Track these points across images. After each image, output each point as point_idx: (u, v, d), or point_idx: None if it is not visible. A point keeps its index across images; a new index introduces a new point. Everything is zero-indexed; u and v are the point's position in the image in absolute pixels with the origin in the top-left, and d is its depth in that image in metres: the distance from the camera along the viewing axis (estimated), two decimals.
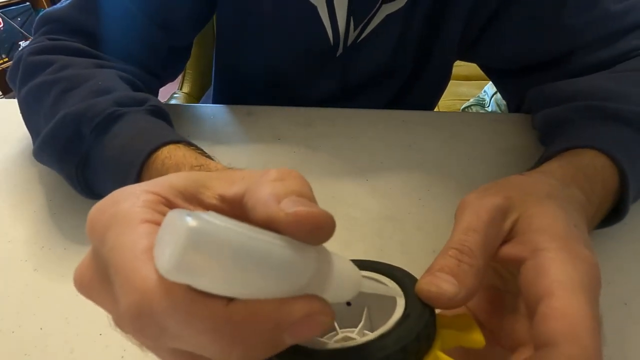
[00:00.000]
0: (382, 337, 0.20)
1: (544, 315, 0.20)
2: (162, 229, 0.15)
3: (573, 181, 0.30)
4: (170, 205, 0.18)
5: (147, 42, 0.49)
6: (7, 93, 2.35)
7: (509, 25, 0.51)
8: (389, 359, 0.19)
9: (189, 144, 0.35)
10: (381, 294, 0.22)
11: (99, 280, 0.18)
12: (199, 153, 0.34)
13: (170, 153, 0.33)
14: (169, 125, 0.39)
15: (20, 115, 0.43)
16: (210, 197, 0.20)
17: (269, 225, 0.16)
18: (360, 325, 0.23)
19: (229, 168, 0.31)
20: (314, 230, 0.16)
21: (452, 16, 0.53)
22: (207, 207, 0.19)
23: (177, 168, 0.32)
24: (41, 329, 0.31)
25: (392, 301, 0.22)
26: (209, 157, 0.34)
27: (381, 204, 0.41)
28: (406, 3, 0.51)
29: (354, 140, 0.50)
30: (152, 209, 0.17)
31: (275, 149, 0.48)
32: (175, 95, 0.95)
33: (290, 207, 0.16)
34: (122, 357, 0.29)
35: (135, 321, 0.15)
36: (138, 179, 0.33)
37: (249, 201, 0.18)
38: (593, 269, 0.22)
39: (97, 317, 0.31)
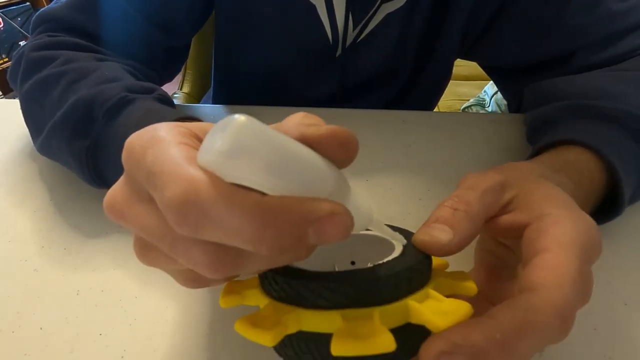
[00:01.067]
0: (376, 266, 0.21)
1: (534, 265, 0.22)
2: (211, 132, 0.17)
3: (562, 171, 0.31)
4: (200, 140, 0.20)
5: (144, 41, 0.49)
6: (7, 93, 2.35)
7: (510, 24, 0.51)
8: (380, 284, 0.20)
9: (200, 121, 0.36)
10: (385, 237, 0.24)
11: (133, 197, 0.19)
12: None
13: None
14: None
15: (20, 115, 0.43)
16: None
17: (301, 141, 0.18)
18: None
19: None
20: (343, 143, 0.19)
21: (453, 15, 0.53)
22: None
23: None
24: (41, 329, 0.31)
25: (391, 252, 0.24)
26: None
27: (381, 204, 0.41)
28: (406, 2, 0.51)
29: None
30: (186, 137, 0.19)
31: None
32: (175, 95, 0.95)
33: (321, 127, 0.19)
34: (122, 357, 0.29)
35: (181, 208, 0.16)
36: None
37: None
38: (593, 229, 0.24)
39: (97, 317, 0.31)
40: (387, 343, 0.18)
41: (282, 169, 0.17)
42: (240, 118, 0.16)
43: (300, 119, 0.20)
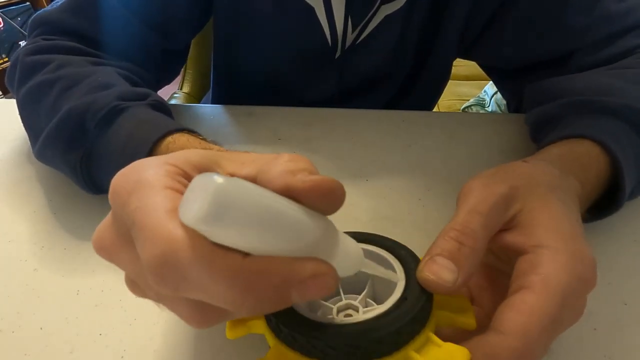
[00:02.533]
0: (378, 317, 0.21)
1: (512, 304, 0.22)
2: (190, 189, 0.17)
3: (570, 171, 0.31)
4: (187, 177, 0.20)
5: (141, 45, 0.49)
6: (7, 93, 2.35)
7: (509, 25, 0.51)
8: (382, 340, 0.20)
9: (192, 132, 0.36)
10: (380, 276, 0.24)
11: (120, 241, 0.19)
12: (201, 139, 0.35)
13: (175, 139, 0.34)
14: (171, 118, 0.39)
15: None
16: (227, 174, 0.21)
17: (285, 193, 0.18)
18: (363, 294, 0.24)
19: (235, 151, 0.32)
20: (328, 195, 0.18)
21: (452, 16, 0.53)
22: None
23: None
24: (41, 329, 0.31)
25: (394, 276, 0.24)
26: (212, 142, 0.35)
27: (381, 204, 0.41)
28: (405, 3, 0.51)
29: (354, 141, 0.50)
30: (172, 178, 0.19)
31: (275, 150, 0.48)
32: (175, 95, 0.95)
33: (306, 177, 0.18)
34: (122, 357, 0.29)
35: (159, 269, 0.16)
36: None
37: (263, 178, 0.19)
38: (588, 269, 0.24)
39: (97, 317, 0.31)
40: None
41: (263, 229, 0.16)
42: (217, 180, 0.15)
43: (286, 164, 0.19)
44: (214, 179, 0.15)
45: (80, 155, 0.36)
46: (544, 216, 0.25)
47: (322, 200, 0.18)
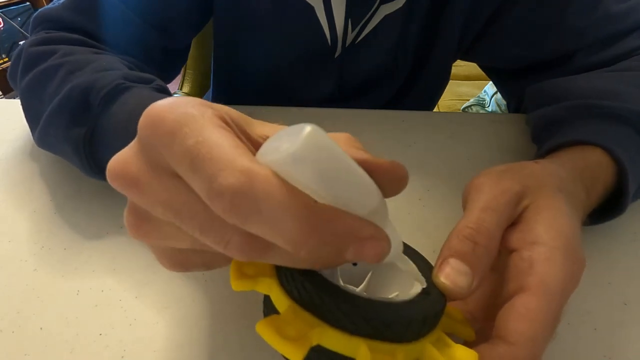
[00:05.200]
0: (406, 303, 0.21)
1: (515, 311, 0.22)
2: (277, 135, 0.18)
3: (580, 177, 0.31)
4: (229, 124, 0.19)
5: (142, 43, 0.49)
6: (7, 93, 2.35)
7: (509, 25, 0.51)
8: (411, 324, 0.20)
9: None
10: (406, 270, 0.24)
11: (150, 169, 0.19)
12: None
13: None
14: None
15: (21, 114, 0.43)
16: (257, 135, 0.21)
17: (360, 165, 0.19)
18: (360, 287, 0.24)
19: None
20: (400, 180, 0.20)
21: (451, 16, 0.53)
22: (254, 143, 0.21)
23: None
24: (41, 329, 0.31)
25: (392, 273, 0.24)
26: None
27: None
28: (405, 3, 0.51)
29: None
30: (222, 120, 0.19)
31: None
32: (175, 95, 0.95)
33: (383, 159, 0.20)
34: (122, 357, 0.29)
35: (234, 197, 0.16)
36: None
37: None
38: (580, 270, 0.24)
39: (97, 317, 0.31)
40: None
41: (338, 180, 0.18)
42: (313, 127, 0.17)
43: (349, 141, 0.21)
44: (309, 126, 0.17)
45: (84, 132, 0.36)
46: (546, 214, 0.25)
47: (392, 182, 0.20)
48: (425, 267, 0.24)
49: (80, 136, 0.36)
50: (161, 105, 0.18)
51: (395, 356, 0.19)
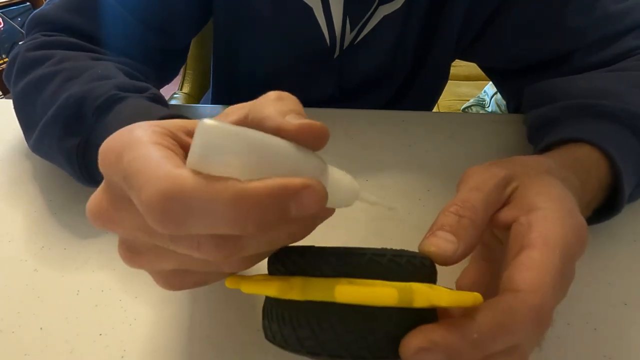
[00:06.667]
0: (384, 249, 0.21)
1: (519, 263, 0.22)
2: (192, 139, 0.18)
3: (572, 170, 0.31)
4: (175, 137, 0.21)
5: (139, 44, 0.49)
6: (7, 93, 2.35)
7: (507, 25, 0.51)
8: (384, 256, 0.20)
9: (184, 117, 0.36)
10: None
11: (116, 202, 0.20)
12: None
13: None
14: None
15: None
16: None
17: (276, 134, 0.20)
18: None
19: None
20: (314, 137, 0.20)
21: (450, 16, 0.53)
22: None
23: None
24: (41, 329, 0.31)
25: None
26: None
27: None
28: (403, 4, 0.51)
29: (354, 141, 0.50)
30: (161, 136, 0.20)
31: None
32: (175, 95, 0.95)
33: (294, 120, 0.20)
34: (122, 357, 0.29)
35: (162, 205, 0.16)
36: None
37: (254, 119, 0.21)
38: (581, 227, 0.24)
39: (97, 317, 0.31)
40: (390, 293, 0.18)
41: (249, 157, 0.18)
42: (204, 122, 0.17)
43: (274, 105, 0.21)
44: (201, 121, 0.17)
45: (77, 143, 0.36)
46: (535, 186, 0.26)
47: (309, 140, 0.20)
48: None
49: (73, 147, 0.36)
50: (110, 137, 0.20)
51: (374, 284, 0.19)
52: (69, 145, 0.36)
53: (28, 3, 2.42)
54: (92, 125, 0.36)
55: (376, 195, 0.25)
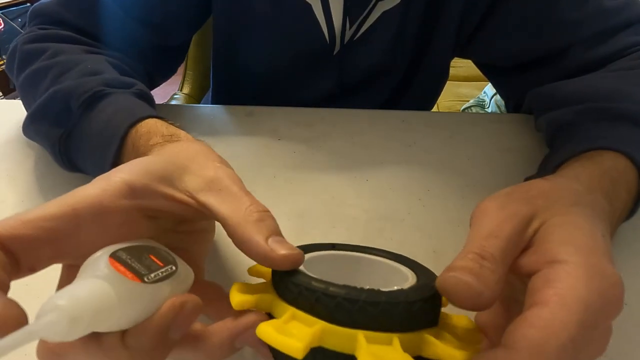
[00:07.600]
0: (397, 290, 0.22)
1: (524, 318, 0.20)
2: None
3: (599, 186, 0.29)
4: (148, 190, 0.23)
5: (132, 41, 0.49)
6: (7, 94, 2.35)
7: (504, 21, 0.51)
8: (398, 306, 0.20)
9: (162, 118, 0.36)
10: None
11: None
12: (169, 124, 0.35)
13: (143, 122, 0.35)
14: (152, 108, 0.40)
15: (21, 115, 0.43)
16: (182, 190, 0.25)
17: (262, 259, 0.22)
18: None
19: (198, 140, 0.32)
20: (293, 264, 0.22)
21: (448, 12, 0.53)
22: (177, 199, 0.24)
23: (149, 136, 0.33)
24: None
25: (389, 276, 0.26)
26: (179, 127, 0.35)
27: (381, 204, 0.41)
28: (401, 0, 0.51)
29: (354, 140, 0.50)
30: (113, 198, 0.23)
31: (275, 149, 0.48)
32: (175, 96, 0.95)
33: (279, 249, 0.22)
34: None
35: None
36: (118, 152, 0.35)
37: (236, 232, 0.23)
38: (613, 288, 0.21)
39: None
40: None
41: (100, 319, 0.20)
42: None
43: (257, 228, 0.23)
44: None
45: (61, 133, 0.38)
46: (560, 231, 0.23)
47: (286, 265, 0.22)
48: (418, 266, 0.25)
49: (56, 137, 0.38)
50: None
51: (392, 342, 0.20)
52: (53, 133, 0.39)
53: (28, 4, 2.42)
54: (77, 119, 0.38)
55: (376, 195, 0.25)
